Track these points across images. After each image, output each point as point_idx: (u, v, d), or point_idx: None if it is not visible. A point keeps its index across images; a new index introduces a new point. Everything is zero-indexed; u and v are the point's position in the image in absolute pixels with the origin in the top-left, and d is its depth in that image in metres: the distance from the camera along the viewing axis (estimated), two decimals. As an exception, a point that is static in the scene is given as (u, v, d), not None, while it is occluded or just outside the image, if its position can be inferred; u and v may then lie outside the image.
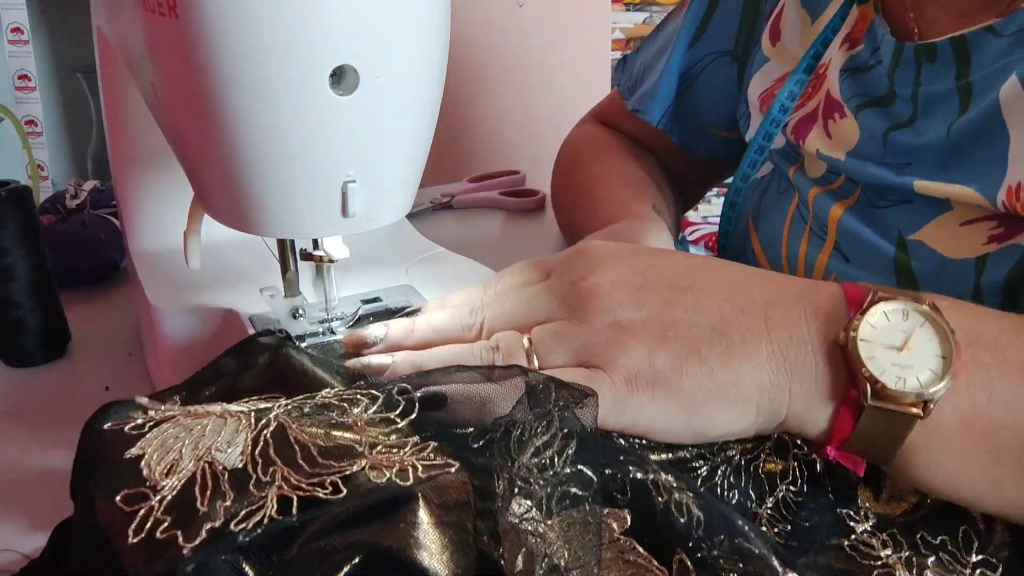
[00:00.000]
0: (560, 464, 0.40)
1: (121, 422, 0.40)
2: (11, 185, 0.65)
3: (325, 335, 0.51)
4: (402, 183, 0.48)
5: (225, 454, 0.37)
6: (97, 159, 1.28)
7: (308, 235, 0.48)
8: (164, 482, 0.36)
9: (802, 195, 0.66)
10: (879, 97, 0.61)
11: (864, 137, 0.61)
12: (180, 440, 0.38)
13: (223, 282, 0.58)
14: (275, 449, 0.37)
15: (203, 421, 0.39)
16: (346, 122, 0.43)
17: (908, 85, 0.59)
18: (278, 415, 0.39)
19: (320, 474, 0.36)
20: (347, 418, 0.39)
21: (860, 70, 0.63)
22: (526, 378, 0.43)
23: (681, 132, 0.84)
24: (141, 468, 0.37)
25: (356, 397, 0.40)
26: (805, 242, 0.65)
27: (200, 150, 0.46)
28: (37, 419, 0.61)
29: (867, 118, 0.61)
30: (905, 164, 0.58)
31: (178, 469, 0.36)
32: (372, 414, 0.40)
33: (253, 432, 0.38)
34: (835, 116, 0.63)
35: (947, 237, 0.55)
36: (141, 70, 0.48)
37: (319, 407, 0.40)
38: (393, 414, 0.40)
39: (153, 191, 0.64)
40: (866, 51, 0.63)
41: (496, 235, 0.95)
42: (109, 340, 0.71)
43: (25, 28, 1.14)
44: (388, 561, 0.32)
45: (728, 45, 0.78)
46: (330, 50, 0.41)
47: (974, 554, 0.43)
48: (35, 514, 0.48)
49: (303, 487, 0.35)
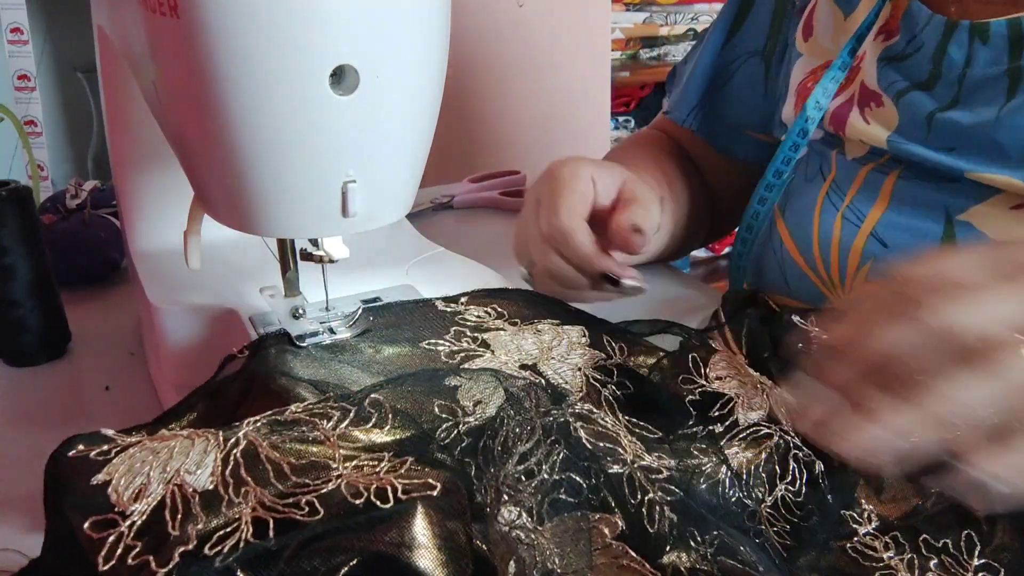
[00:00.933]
0: (548, 471, 0.40)
1: (86, 449, 0.39)
2: (11, 185, 0.65)
3: (324, 334, 0.51)
4: (402, 183, 0.48)
5: (194, 476, 0.36)
6: (97, 159, 1.28)
7: (308, 235, 0.48)
8: (133, 507, 0.35)
9: (837, 180, 0.66)
10: (920, 82, 0.61)
11: (904, 121, 0.61)
12: (147, 464, 0.37)
13: (223, 282, 0.58)
14: (246, 468, 0.36)
15: (170, 443, 0.38)
16: (346, 122, 0.43)
17: (956, 67, 0.58)
18: (247, 432, 0.38)
19: (295, 492, 0.35)
20: (319, 432, 0.38)
21: (898, 59, 0.63)
22: (503, 384, 0.42)
23: (711, 132, 0.83)
24: (109, 494, 0.36)
25: (327, 411, 0.40)
26: (838, 227, 0.64)
27: (200, 150, 0.46)
28: (37, 419, 0.61)
29: (908, 103, 0.61)
30: (949, 148, 0.58)
31: (146, 493, 0.36)
32: (345, 427, 0.39)
33: (223, 452, 0.37)
34: (871, 105, 0.63)
35: (996, 220, 0.55)
36: (142, 70, 0.48)
37: (289, 423, 0.39)
38: (367, 427, 0.39)
39: (153, 191, 0.64)
40: (903, 40, 0.62)
41: (496, 235, 0.95)
42: (109, 340, 0.71)
43: (25, 28, 1.14)
44: (384, 564, 0.32)
45: (759, 44, 0.78)
46: (330, 50, 0.41)
47: (976, 557, 0.43)
48: (35, 514, 0.48)
49: (278, 508, 0.34)
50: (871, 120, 0.63)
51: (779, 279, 0.69)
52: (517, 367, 0.48)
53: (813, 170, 0.69)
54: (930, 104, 0.60)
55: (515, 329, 0.52)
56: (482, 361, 0.48)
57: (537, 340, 0.51)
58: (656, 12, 2.18)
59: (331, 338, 0.50)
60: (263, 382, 0.46)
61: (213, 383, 0.48)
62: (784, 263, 0.68)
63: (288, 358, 0.47)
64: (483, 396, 0.44)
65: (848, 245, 0.63)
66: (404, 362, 0.48)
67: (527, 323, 0.53)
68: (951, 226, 0.57)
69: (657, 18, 2.18)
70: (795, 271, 0.67)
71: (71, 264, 0.78)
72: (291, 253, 0.53)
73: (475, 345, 0.50)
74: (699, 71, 0.81)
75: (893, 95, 0.62)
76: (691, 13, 2.21)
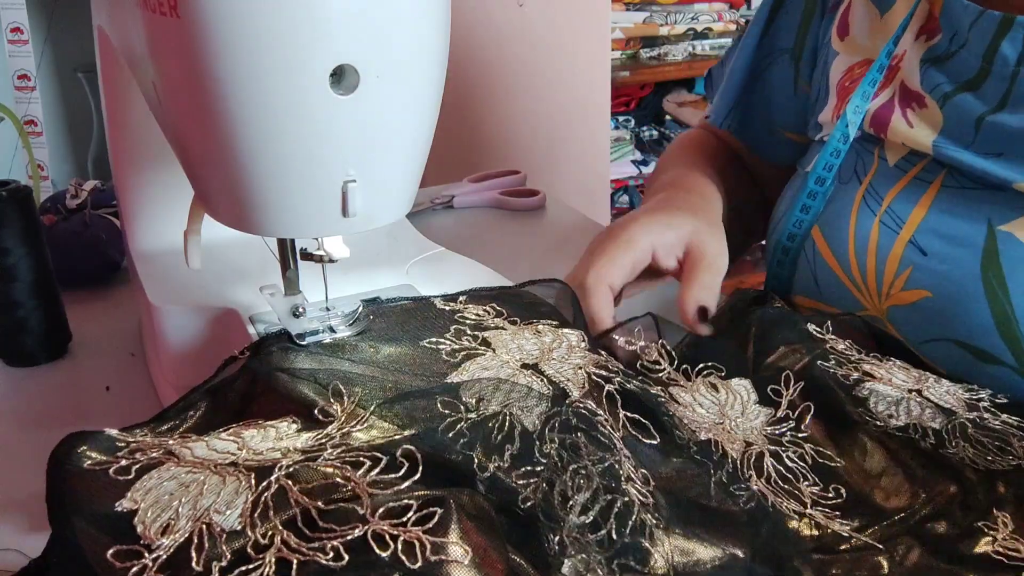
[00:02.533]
0: (615, 534, 0.40)
1: (102, 462, 0.39)
2: (11, 185, 0.65)
3: (324, 333, 0.51)
4: (402, 183, 0.48)
5: (223, 515, 0.37)
6: (98, 159, 1.28)
7: (308, 235, 0.48)
8: (160, 541, 0.36)
9: (875, 183, 0.65)
10: (967, 80, 0.60)
11: (950, 124, 0.60)
12: (176, 498, 0.37)
13: (223, 281, 0.58)
14: (275, 511, 0.37)
15: (200, 477, 0.39)
16: (346, 122, 0.43)
17: (1008, 64, 0.57)
18: (279, 477, 0.38)
19: (321, 538, 0.35)
20: (351, 483, 0.38)
21: (942, 59, 0.62)
22: (558, 435, 0.43)
23: (747, 133, 0.83)
24: (135, 524, 0.36)
25: (359, 459, 0.40)
26: (876, 232, 0.63)
27: (200, 150, 0.46)
28: (38, 419, 0.61)
29: (955, 106, 0.60)
30: (997, 153, 0.57)
31: (174, 528, 0.36)
32: (376, 475, 0.39)
33: (254, 494, 0.37)
34: (914, 106, 0.62)
35: None
36: (142, 70, 0.48)
37: (320, 470, 0.39)
38: (396, 475, 0.39)
39: (153, 191, 0.64)
40: (945, 38, 0.61)
41: (496, 235, 0.95)
42: (110, 340, 0.71)
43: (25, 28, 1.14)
44: None
45: (789, 43, 0.77)
46: (330, 50, 0.41)
47: None
48: (35, 514, 0.48)
49: (303, 551, 0.35)
50: (914, 123, 0.62)
51: (809, 283, 0.67)
52: (519, 366, 0.48)
53: (848, 172, 0.67)
54: (979, 107, 0.58)
55: (515, 328, 0.52)
56: (483, 360, 0.48)
57: (538, 341, 0.51)
58: (656, 12, 2.18)
59: (331, 337, 0.50)
60: (265, 380, 0.46)
61: (213, 382, 0.48)
62: (816, 267, 0.67)
63: (290, 356, 0.48)
64: (484, 394, 0.44)
65: (887, 251, 0.62)
66: (405, 360, 0.49)
67: (526, 323, 0.53)
68: (992, 236, 0.57)
69: (657, 18, 2.18)
70: (828, 276, 0.66)
71: (72, 264, 0.78)
72: (291, 252, 0.53)
73: (476, 343, 0.50)
74: (735, 72, 0.81)
75: (939, 98, 0.61)
76: (691, 13, 2.21)
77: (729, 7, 2.26)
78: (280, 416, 0.44)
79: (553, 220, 0.97)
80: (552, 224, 0.95)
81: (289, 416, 0.44)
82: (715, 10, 2.24)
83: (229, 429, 0.43)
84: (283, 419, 0.44)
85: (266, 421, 0.44)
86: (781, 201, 0.73)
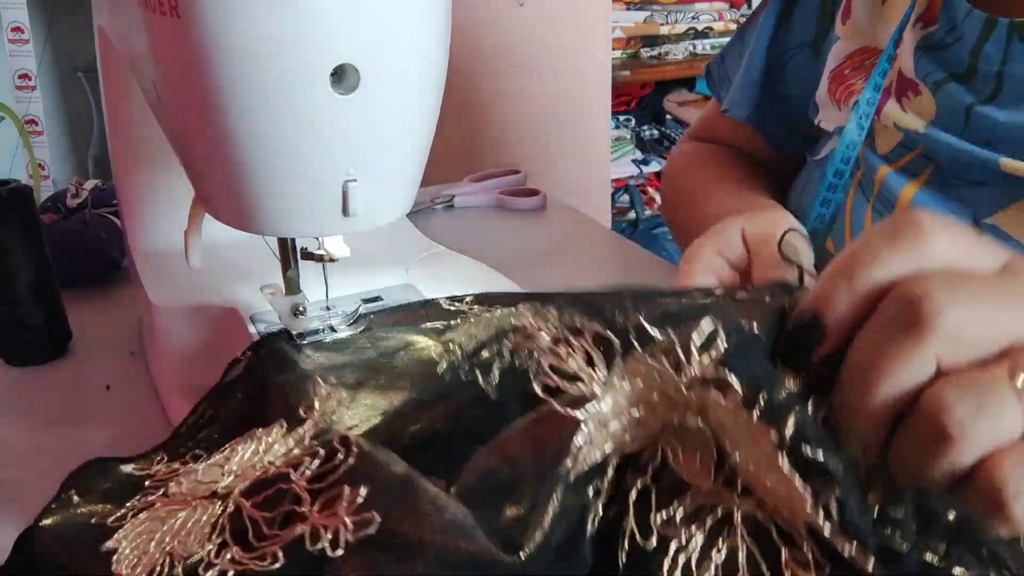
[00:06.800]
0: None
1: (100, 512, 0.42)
2: (12, 184, 0.65)
3: (325, 332, 0.51)
4: (403, 182, 0.48)
5: (185, 544, 0.38)
6: (98, 158, 1.28)
7: (309, 234, 0.48)
8: (129, 573, 0.38)
9: (867, 173, 0.65)
10: (958, 73, 0.60)
11: (942, 112, 0.61)
12: (153, 535, 0.40)
13: (224, 281, 0.58)
14: (231, 531, 0.38)
15: (180, 513, 0.40)
16: (347, 121, 0.43)
17: (994, 63, 0.58)
18: (235, 497, 0.39)
19: (263, 547, 0.36)
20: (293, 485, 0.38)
21: (936, 48, 0.62)
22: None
23: (769, 128, 0.82)
24: (112, 562, 0.39)
25: (302, 458, 0.39)
26: (869, 223, 0.64)
27: (201, 149, 0.46)
28: (38, 418, 0.61)
29: (946, 94, 0.61)
30: (986, 142, 0.58)
31: (142, 562, 0.38)
32: (316, 470, 0.38)
33: (214, 518, 0.39)
34: (909, 94, 0.63)
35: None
36: (142, 69, 0.48)
37: (271, 479, 0.39)
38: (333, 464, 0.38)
39: (154, 190, 0.64)
40: (942, 29, 0.62)
41: (496, 235, 0.95)
42: (110, 339, 0.71)
43: (25, 27, 1.14)
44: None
45: (809, 36, 0.77)
46: (330, 50, 0.41)
47: None
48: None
49: (243, 562, 0.36)
50: (909, 109, 0.63)
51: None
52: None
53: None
54: (968, 97, 0.59)
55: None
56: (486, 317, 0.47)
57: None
58: (656, 11, 2.18)
59: (332, 336, 0.50)
60: (269, 380, 0.46)
61: (219, 388, 0.48)
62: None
63: (292, 355, 0.48)
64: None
65: None
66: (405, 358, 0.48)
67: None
68: (978, 229, 0.57)
69: (657, 17, 2.18)
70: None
71: (72, 263, 0.78)
72: (292, 252, 0.53)
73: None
74: (754, 67, 0.80)
75: (931, 85, 0.62)
76: (691, 12, 2.21)
77: (729, 6, 2.26)
78: (280, 416, 0.44)
79: (553, 220, 0.97)
80: (552, 224, 0.95)
81: (279, 420, 0.44)
82: (715, 9, 2.24)
83: (224, 451, 0.44)
84: (274, 424, 0.44)
85: (261, 429, 0.44)
86: (793, 193, 0.73)
